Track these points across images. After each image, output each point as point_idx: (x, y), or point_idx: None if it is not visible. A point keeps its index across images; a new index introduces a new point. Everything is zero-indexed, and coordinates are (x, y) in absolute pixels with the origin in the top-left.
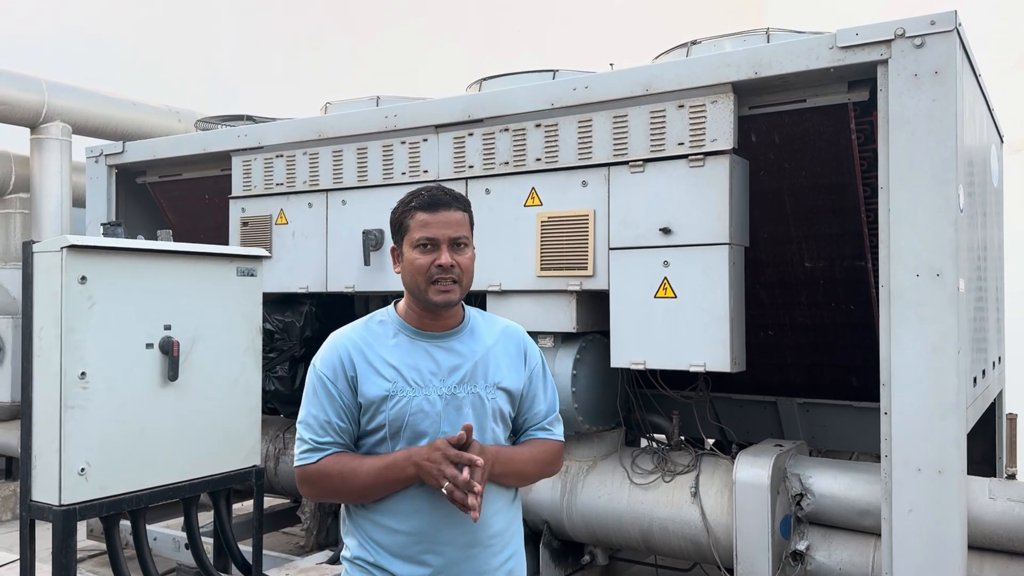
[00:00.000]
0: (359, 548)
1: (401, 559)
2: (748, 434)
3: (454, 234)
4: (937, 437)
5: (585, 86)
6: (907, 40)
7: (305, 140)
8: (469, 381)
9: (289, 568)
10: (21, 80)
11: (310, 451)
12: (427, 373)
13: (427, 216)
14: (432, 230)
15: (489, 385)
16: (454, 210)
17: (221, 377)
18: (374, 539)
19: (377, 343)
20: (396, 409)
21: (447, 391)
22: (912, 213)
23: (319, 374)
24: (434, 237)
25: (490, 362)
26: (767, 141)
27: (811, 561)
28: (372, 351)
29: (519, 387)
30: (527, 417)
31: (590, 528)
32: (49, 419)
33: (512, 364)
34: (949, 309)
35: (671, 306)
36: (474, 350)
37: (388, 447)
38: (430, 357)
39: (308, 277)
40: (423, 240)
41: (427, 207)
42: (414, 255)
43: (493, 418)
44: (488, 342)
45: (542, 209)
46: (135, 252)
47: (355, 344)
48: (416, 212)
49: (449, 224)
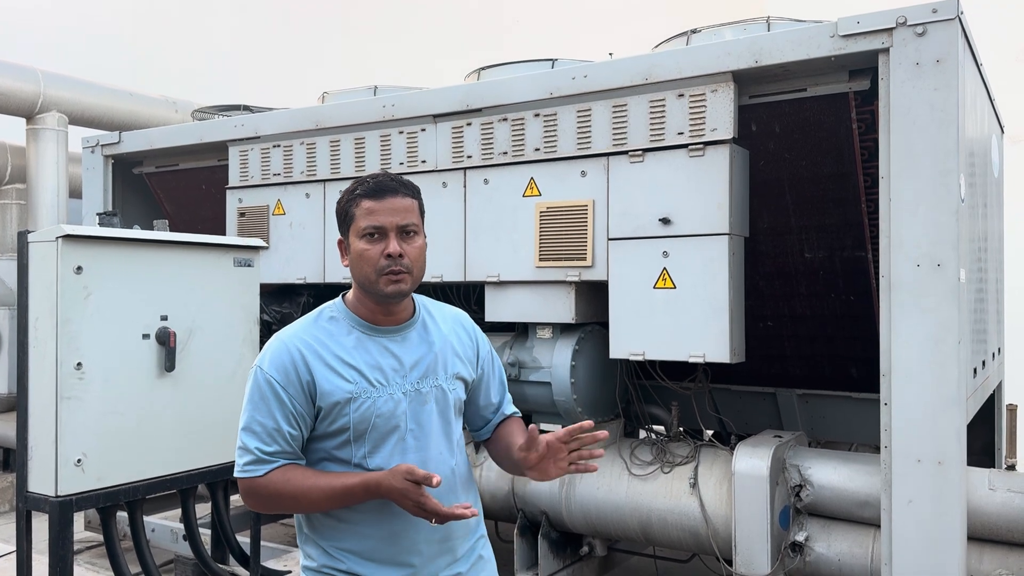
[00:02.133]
0: (324, 556)
1: (377, 563)
2: (747, 425)
3: (402, 221)
4: (937, 428)
5: (584, 75)
6: (909, 28)
7: (302, 130)
8: (431, 374)
9: (287, 559)
10: (17, 70)
11: (255, 463)
12: (389, 371)
13: (373, 203)
14: (379, 218)
15: (449, 376)
16: (401, 196)
17: (219, 368)
18: (342, 546)
19: (331, 342)
20: (360, 411)
21: (410, 387)
22: (913, 203)
23: (268, 378)
24: (381, 225)
25: (448, 353)
26: (767, 131)
27: (810, 552)
28: (328, 351)
29: (474, 375)
30: (485, 403)
31: (588, 519)
32: (45, 410)
33: (466, 353)
34: (950, 300)
35: (670, 297)
36: (431, 342)
37: (351, 450)
38: (389, 353)
39: (306, 268)
40: (370, 228)
41: (373, 194)
42: (361, 245)
43: (454, 409)
44: (443, 330)
45: (541, 199)
46: (131, 242)
47: (308, 345)
48: (361, 200)
49: (396, 211)
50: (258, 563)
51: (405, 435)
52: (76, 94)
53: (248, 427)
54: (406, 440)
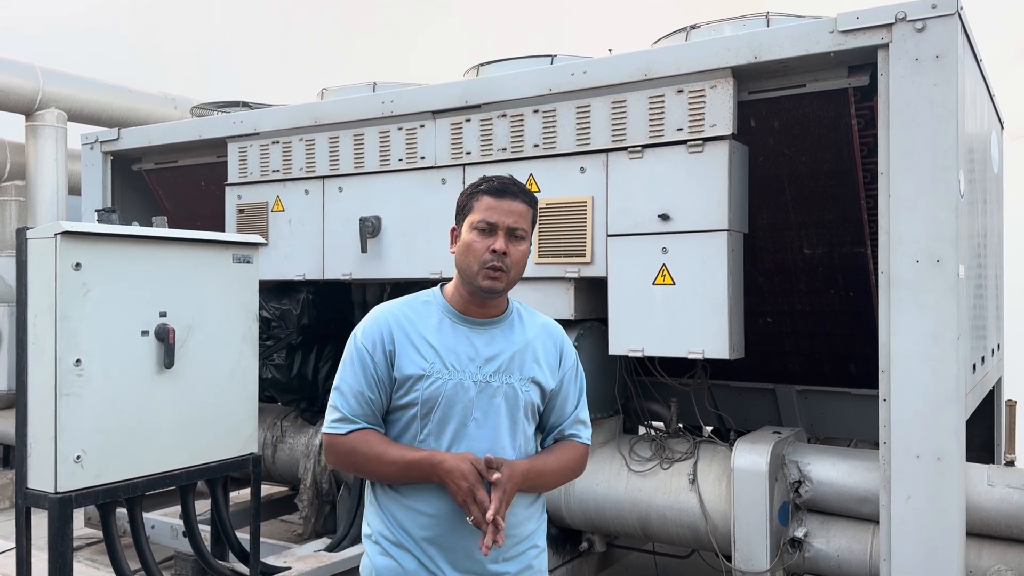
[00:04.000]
0: (380, 524)
1: (423, 541)
2: (746, 421)
3: (514, 224)
4: (936, 424)
5: (583, 71)
6: (908, 24)
7: (301, 126)
8: (505, 371)
9: (287, 556)
10: (16, 67)
11: (341, 420)
12: (464, 358)
13: (492, 201)
14: (494, 215)
15: (524, 378)
16: (520, 201)
17: (218, 365)
18: (396, 519)
19: (420, 321)
20: (431, 389)
21: (482, 378)
22: (912, 199)
23: (359, 344)
24: (495, 222)
25: (527, 355)
26: (766, 127)
27: (809, 548)
28: (414, 329)
29: (552, 385)
30: (556, 417)
31: (588, 515)
32: (44, 407)
33: (548, 361)
34: (949, 296)
35: (669, 293)
36: (513, 341)
37: (418, 425)
38: (469, 343)
39: (305, 265)
40: (483, 223)
41: (494, 192)
42: (472, 237)
43: (525, 411)
44: (528, 336)
45: (540, 195)
46: (130, 239)
47: (397, 320)
48: (483, 195)
49: (512, 212)
50: (258, 560)
51: (468, 422)
52: (75, 91)
53: (338, 387)
54: (468, 427)
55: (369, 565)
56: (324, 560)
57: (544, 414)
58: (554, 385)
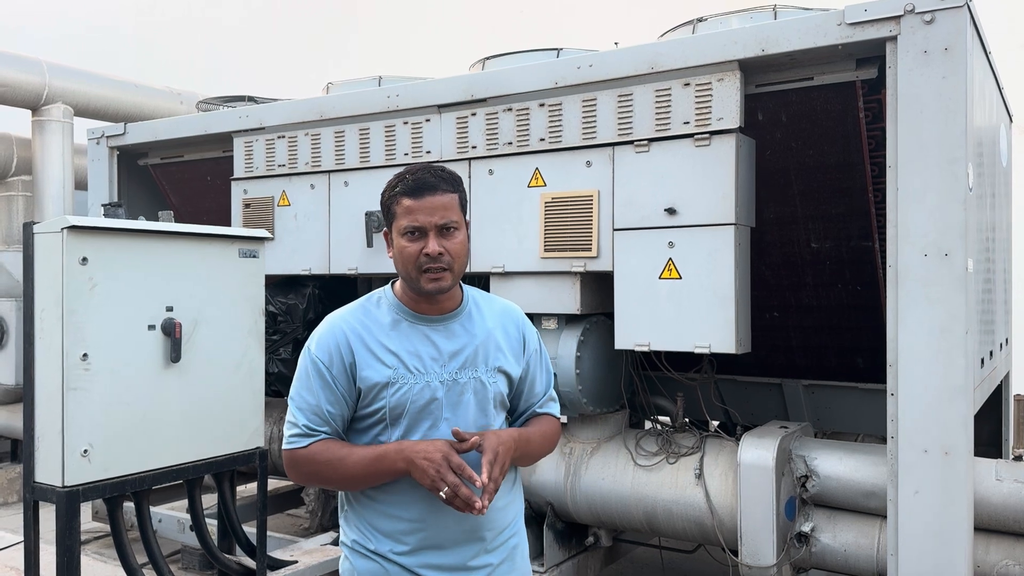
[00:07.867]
0: (357, 533)
1: (404, 545)
2: (753, 416)
3: (441, 220)
4: (944, 418)
5: (589, 65)
6: (917, 16)
7: (307, 121)
8: (470, 366)
9: (293, 550)
10: (22, 62)
11: (300, 435)
12: (427, 359)
13: (412, 202)
14: (418, 217)
15: (490, 369)
16: (440, 193)
17: (224, 359)
18: (373, 525)
19: (376, 327)
20: (397, 396)
21: (448, 377)
22: (920, 192)
23: (314, 358)
24: (420, 225)
25: (491, 346)
26: (774, 120)
27: (816, 543)
28: (371, 335)
29: (519, 371)
30: (527, 399)
31: (594, 510)
32: (51, 401)
33: (512, 348)
34: (957, 289)
35: (676, 287)
36: (474, 334)
37: (388, 433)
38: (429, 342)
39: (311, 259)
40: (409, 228)
41: (412, 192)
42: (402, 242)
43: (494, 403)
44: (488, 325)
45: (546, 190)
46: (136, 233)
47: (353, 329)
48: (401, 198)
49: (435, 209)
50: (264, 553)
51: (439, 423)
52: (81, 86)
53: (296, 402)
54: (439, 428)
55: (350, 569)
56: (330, 554)
57: (514, 399)
58: (520, 371)
